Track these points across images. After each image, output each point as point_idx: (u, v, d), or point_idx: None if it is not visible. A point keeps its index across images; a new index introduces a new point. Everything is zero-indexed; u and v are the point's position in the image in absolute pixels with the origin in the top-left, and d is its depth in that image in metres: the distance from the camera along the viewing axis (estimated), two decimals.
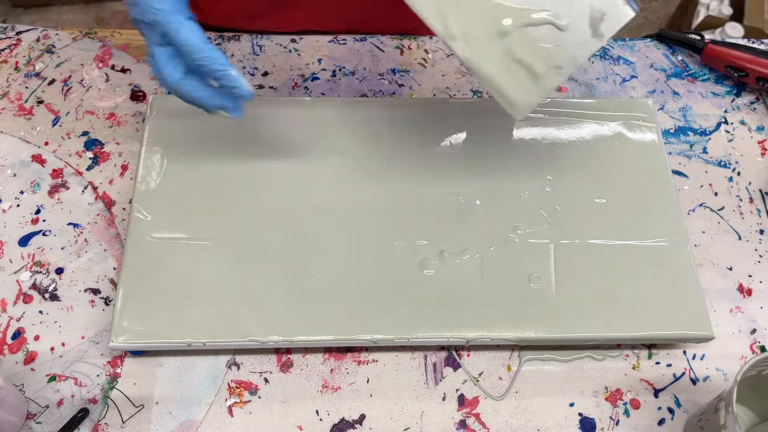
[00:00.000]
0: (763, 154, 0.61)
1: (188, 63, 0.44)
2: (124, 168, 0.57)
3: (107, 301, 0.51)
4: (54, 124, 0.59)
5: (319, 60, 0.64)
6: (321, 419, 0.47)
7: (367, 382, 0.49)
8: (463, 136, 0.57)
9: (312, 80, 0.62)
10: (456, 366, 0.50)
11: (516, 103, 0.42)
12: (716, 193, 0.59)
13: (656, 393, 0.49)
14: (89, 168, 0.57)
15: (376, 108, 0.58)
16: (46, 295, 0.51)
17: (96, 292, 0.51)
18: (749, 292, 0.54)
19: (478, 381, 0.49)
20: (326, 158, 0.55)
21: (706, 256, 0.56)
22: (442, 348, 0.50)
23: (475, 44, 0.40)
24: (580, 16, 0.39)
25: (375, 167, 0.54)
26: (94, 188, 0.56)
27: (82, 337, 0.49)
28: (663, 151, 0.57)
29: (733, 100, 0.65)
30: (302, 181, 0.53)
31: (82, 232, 0.54)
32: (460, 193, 0.54)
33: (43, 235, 0.53)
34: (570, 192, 0.54)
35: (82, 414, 0.46)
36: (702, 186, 0.59)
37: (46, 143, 0.58)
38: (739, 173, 0.60)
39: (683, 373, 0.50)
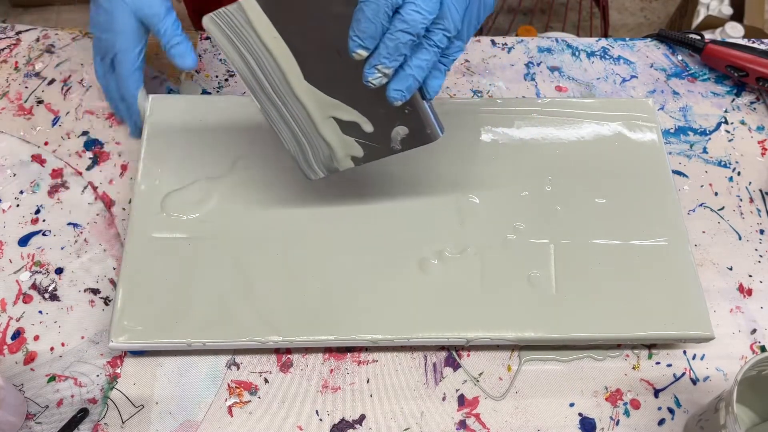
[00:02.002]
0: (763, 154, 0.61)
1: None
2: (124, 168, 0.57)
3: (107, 301, 0.51)
4: (54, 124, 0.59)
5: None
6: (321, 419, 0.47)
7: (367, 382, 0.49)
8: (463, 135, 0.57)
9: None
10: (456, 366, 0.50)
11: (313, 169, 0.50)
12: (716, 193, 0.59)
13: (656, 393, 0.49)
14: (89, 168, 0.57)
15: None
16: (46, 295, 0.51)
17: (96, 292, 0.51)
18: (749, 292, 0.54)
19: (478, 381, 0.49)
20: None
21: (706, 256, 0.55)
22: (442, 348, 0.50)
23: (311, 119, 0.47)
24: (385, 128, 0.45)
25: (375, 168, 0.54)
26: (94, 188, 0.56)
27: (82, 337, 0.49)
28: (663, 151, 0.57)
29: (733, 99, 0.65)
30: (303, 181, 0.53)
31: (81, 232, 0.54)
32: (460, 192, 0.54)
33: (43, 235, 0.53)
34: (570, 192, 0.54)
35: (82, 414, 0.46)
36: (702, 186, 0.59)
37: (46, 143, 0.58)
38: (739, 173, 0.60)
39: (683, 373, 0.50)
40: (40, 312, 0.50)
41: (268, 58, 0.44)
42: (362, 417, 0.48)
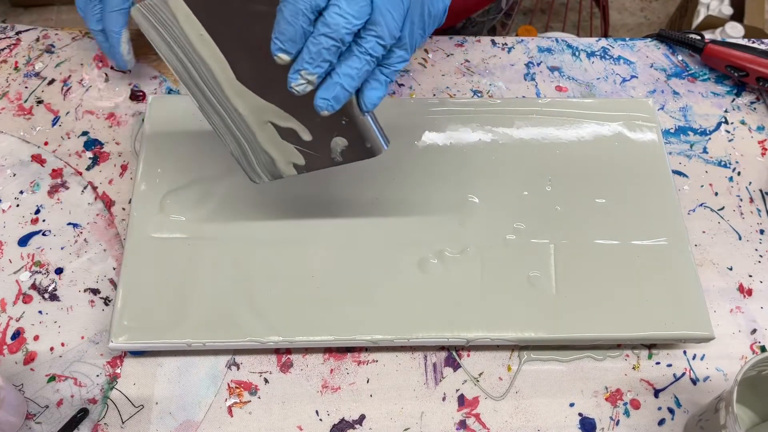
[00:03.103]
0: (763, 154, 0.61)
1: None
2: (124, 168, 0.57)
3: (107, 301, 0.51)
4: (54, 124, 0.59)
5: None
6: (321, 419, 0.47)
7: (367, 382, 0.49)
8: (463, 135, 0.57)
9: None
10: (456, 366, 0.50)
11: (257, 173, 0.48)
12: (716, 193, 0.59)
13: (656, 393, 0.49)
14: (89, 168, 0.57)
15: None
16: (46, 295, 0.51)
17: (96, 292, 0.51)
18: (749, 292, 0.54)
19: (478, 381, 0.49)
20: None
21: (706, 256, 0.55)
22: (442, 348, 0.50)
23: (246, 123, 0.45)
24: (323, 138, 0.43)
25: (375, 167, 0.54)
26: (94, 188, 0.56)
27: (82, 338, 0.49)
28: (663, 151, 0.57)
29: (734, 99, 0.65)
30: (302, 181, 0.53)
31: (81, 232, 0.54)
32: (460, 192, 0.54)
33: (43, 235, 0.53)
34: (570, 192, 0.54)
35: (82, 414, 0.46)
36: (702, 186, 0.59)
37: (46, 143, 0.58)
38: (739, 173, 0.60)
39: (683, 373, 0.50)
40: (40, 312, 0.50)
41: (198, 55, 0.42)
42: (362, 417, 0.48)
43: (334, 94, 0.38)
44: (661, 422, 0.48)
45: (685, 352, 0.51)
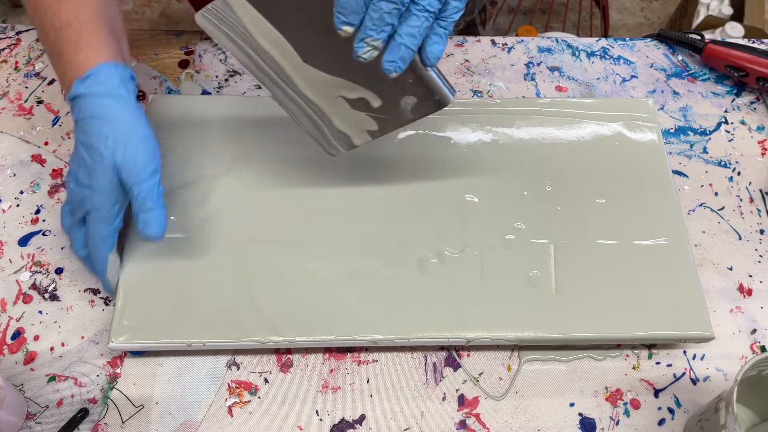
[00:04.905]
0: (763, 154, 0.61)
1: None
2: None
3: (107, 301, 0.51)
4: (54, 124, 0.59)
5: None
6: (321, 419, 0.47)
7: (367, 382, 0.49)
8: (463, 135, 0.57)
9: None
10: (456, 366, 0.50)
11: (333, 146, 0.50)
12: (716, 193, 0.59)
13: (656, 393, 0.49)
14: None
15: None
16: (46, 295, 0.51)
17: (96, 292, 0.51)
18: (749, 292, 0.54)
19: (478, 381, 0.49)
20: (326, 158, 0.55)
21: (706, 256, 0.55)
22: (442, 348, 0.50)
23: (317, 102, 0.47)
24: (393, 100, 0.45)
25: (375, 167, 0.54)
26: None
27: (82, 338, 0.49)
28: (663, 151, 0.57)
29: (734, 99, 0.65)
30: (302, 181, 0.53)
31: None
32: (460, 192, 0.54)
33: (43, 235, 0.53)
34: (570, 192, 0.54)
35: (82, 414, 0.46)
36: (702, 186, 0.59)
37: (46, 143, 0.58)
38: (739, 173, 0.60)
39: (683, 373, 0.50)
40: (40, 312, 0.50)
41: (263, 46, 0.44)
42: (362, 417, 0.48)
43: (400, 55, 0.40)
44: (661, 422, 0.48)
45: (685, 352, 0.51)
